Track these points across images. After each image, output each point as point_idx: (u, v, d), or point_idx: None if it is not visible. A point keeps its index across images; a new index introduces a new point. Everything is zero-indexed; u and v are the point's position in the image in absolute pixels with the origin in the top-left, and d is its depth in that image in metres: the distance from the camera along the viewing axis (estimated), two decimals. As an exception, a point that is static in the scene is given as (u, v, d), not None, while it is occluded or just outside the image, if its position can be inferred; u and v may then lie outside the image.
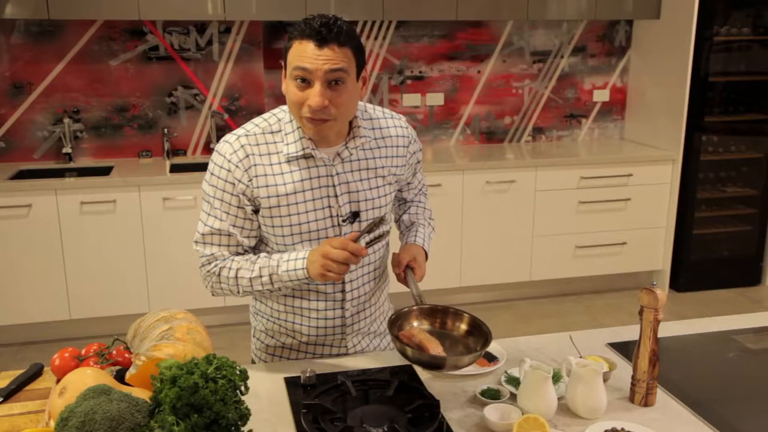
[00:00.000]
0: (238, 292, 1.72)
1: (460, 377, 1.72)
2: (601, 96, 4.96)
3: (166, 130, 4.28)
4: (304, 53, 1.55)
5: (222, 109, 4.39)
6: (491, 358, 1.81)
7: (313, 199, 1.70)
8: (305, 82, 1.57)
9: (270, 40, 4.36)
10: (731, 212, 4.81)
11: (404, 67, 4.58)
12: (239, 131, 1.71)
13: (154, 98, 4.29)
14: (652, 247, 4.65)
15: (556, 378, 1.66)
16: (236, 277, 1.69)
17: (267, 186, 1.67)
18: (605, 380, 1.66)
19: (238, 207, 1.69)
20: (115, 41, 4.16)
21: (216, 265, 1.71)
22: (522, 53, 4.76)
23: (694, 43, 4.32)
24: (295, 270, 1.64)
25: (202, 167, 4.21)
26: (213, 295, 1.78)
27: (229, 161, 1.67)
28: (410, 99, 4.64)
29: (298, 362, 1.83)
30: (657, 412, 1.59)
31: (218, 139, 4.36)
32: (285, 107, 1.73)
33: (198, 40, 4.27)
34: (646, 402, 1.61)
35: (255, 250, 1.80)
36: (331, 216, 1.72)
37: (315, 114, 1.58)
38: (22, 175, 3.99)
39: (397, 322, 1.68)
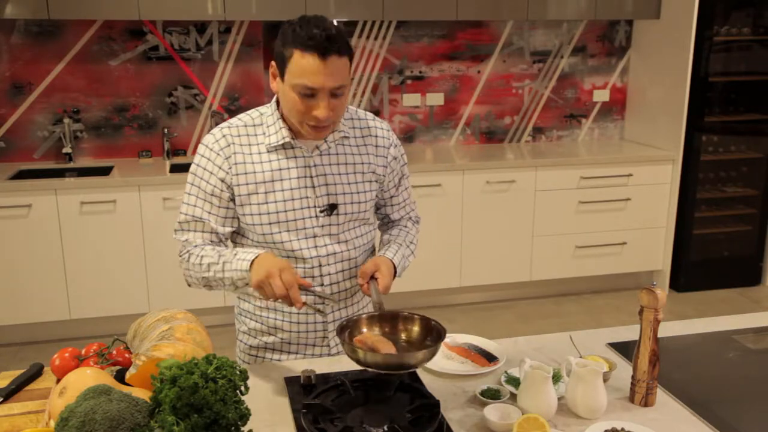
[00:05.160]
0: (200, 279, 1.74)
1: (460, 377, 1.72)
2: (601, 96, 4.96)
3: (166, 130, 4.28)
4: (308, 69, 1.61)
5: (222, 109, 4.39)
6: (491, 358, 1.81)
7: (291, 189, 1.75)
8: (309, 95, 1.64)
9: (270, 40, 4.36)
10: (731, 212, 4.81)
11: (404, 67, 4.58)
12: (223, 124, 1.80)
13: (154, 98, 4.29)
14: (652, 247, 4.65)
15: (556, 378, 1.66)
16: (200, 263, 1.72)
17: (246, 173, 1.74)
18: (605, 380, 1.66)
19: (212, 195, 1.75)
20: (115, 41, 4.16)
21: (188, 251, 1.76)
22: (522, 53, 4.76)
23: (694, 43, 4.32)
24: (244, 260, 1.64)
25: (202, 167, 4.21)
26: (188, 284, 1.81)
27: (211, 150, 1.75)
28: (410, 99, 4.63)
29: (298, 362, 1.83)
30: (657, 412, 1.59)
31: (218, 139, 4.37)
32: (269, 104, 1.80)
33: (198, 40, 4.27)
34: (646, 402, 1.61)
35: (235, 244, 1.85)
36: (309, 207, 1.77)
37: (320, 123, 1.66)
38: (22, 175, 3.99)
39: (346, 330, 1.65)
